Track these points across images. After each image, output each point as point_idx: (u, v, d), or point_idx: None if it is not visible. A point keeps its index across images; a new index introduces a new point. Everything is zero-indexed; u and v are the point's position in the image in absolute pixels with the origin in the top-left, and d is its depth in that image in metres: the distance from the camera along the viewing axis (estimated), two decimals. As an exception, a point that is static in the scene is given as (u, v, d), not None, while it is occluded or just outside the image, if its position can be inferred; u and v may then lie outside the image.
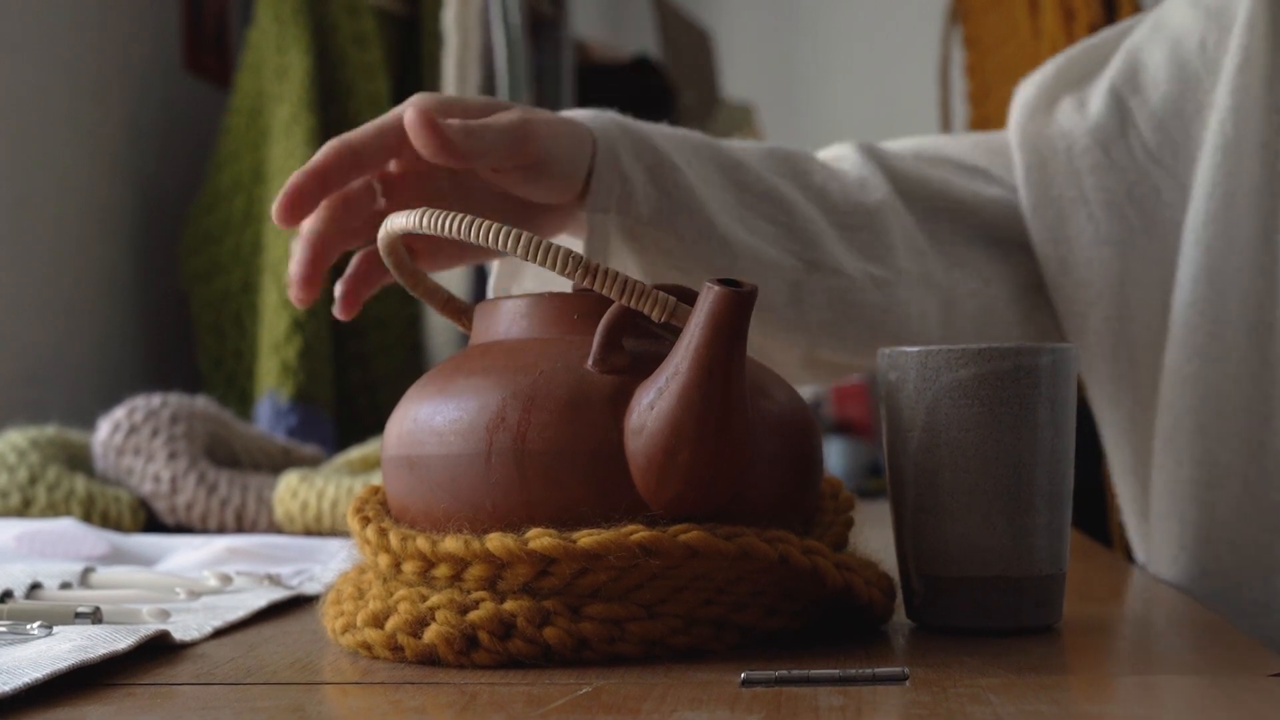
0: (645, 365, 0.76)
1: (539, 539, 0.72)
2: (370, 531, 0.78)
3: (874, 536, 0.91)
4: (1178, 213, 1.08)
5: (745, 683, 0.69)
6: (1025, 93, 1.16)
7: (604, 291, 0.76)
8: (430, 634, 0.74)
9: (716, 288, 0.73)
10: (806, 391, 4.38)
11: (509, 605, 0.74)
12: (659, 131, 1.01)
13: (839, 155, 1.13)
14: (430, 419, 0.78)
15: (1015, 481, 0.81)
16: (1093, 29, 2.48)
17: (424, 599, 0.75)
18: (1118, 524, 2.68)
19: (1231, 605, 1.04)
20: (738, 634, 0.77)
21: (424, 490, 0.78)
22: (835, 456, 3.51)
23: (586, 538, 0.72)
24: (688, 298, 0.79)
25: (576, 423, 0.75)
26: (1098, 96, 1.12)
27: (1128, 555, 2.42)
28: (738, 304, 0.72)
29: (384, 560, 0.77)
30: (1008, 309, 1.13)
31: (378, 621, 0.76)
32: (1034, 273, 1.13)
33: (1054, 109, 1.14)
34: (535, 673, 0.72)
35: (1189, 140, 1.08)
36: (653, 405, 0.74)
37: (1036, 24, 2.63)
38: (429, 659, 0.75)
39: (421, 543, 0.75)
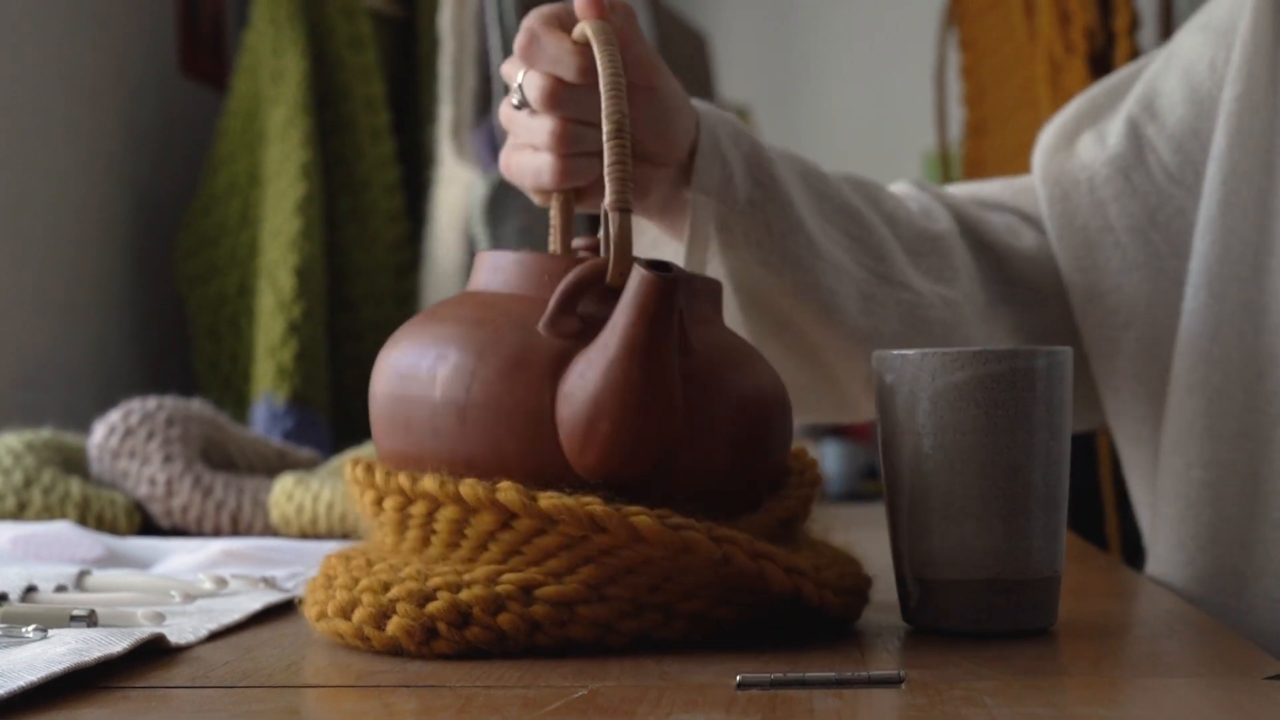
0: (596, 332, 0.79)
1: (506, 491, 0.76)
2: (359, 470, 0.83)
3: (869, 539, 0.91)
4: None
5: (741, 685, 0.69)
6: (1046, 135, 1.19)
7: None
8: (392, 626, 0.77)
9: (644, 271, 0.76)
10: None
11: (464, 595, 0.77)
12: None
13: (900, 190, 1.16)
14: (395, 360, 0.83)
15: (1011, 484, 0.81)
16: (1088, 32, 2.48)
17: (386, 589, 0.78)
18: (1114, 526, 2.68)
19: (1243, 602, 1.04)
20: (687, 623, 0.78)
21: (384, 427, 0.83)
22: (831, 459, 3.51)
23: (547, 500, 0.76)
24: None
25: (516, 381, 0.79)
26: (1116, 128, 1.14)
27: (1124, 558, 2.41)
28: (663, 289, 0.76)
29: (369, 496, 0.82)
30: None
31: (345, 613, 0.79)
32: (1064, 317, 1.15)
33: (1074, 145, 1.16)
34: (530, 676, 0.72)
35: (1207, 159, 1.09)
36: (582, 375, 0.78)
37: (1033, 26, 2.63)
38: (394, 649, 0.78)
39: (403, 479, 0.80)
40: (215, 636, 0.84)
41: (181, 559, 1.11)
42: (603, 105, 0.82)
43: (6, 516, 1.25)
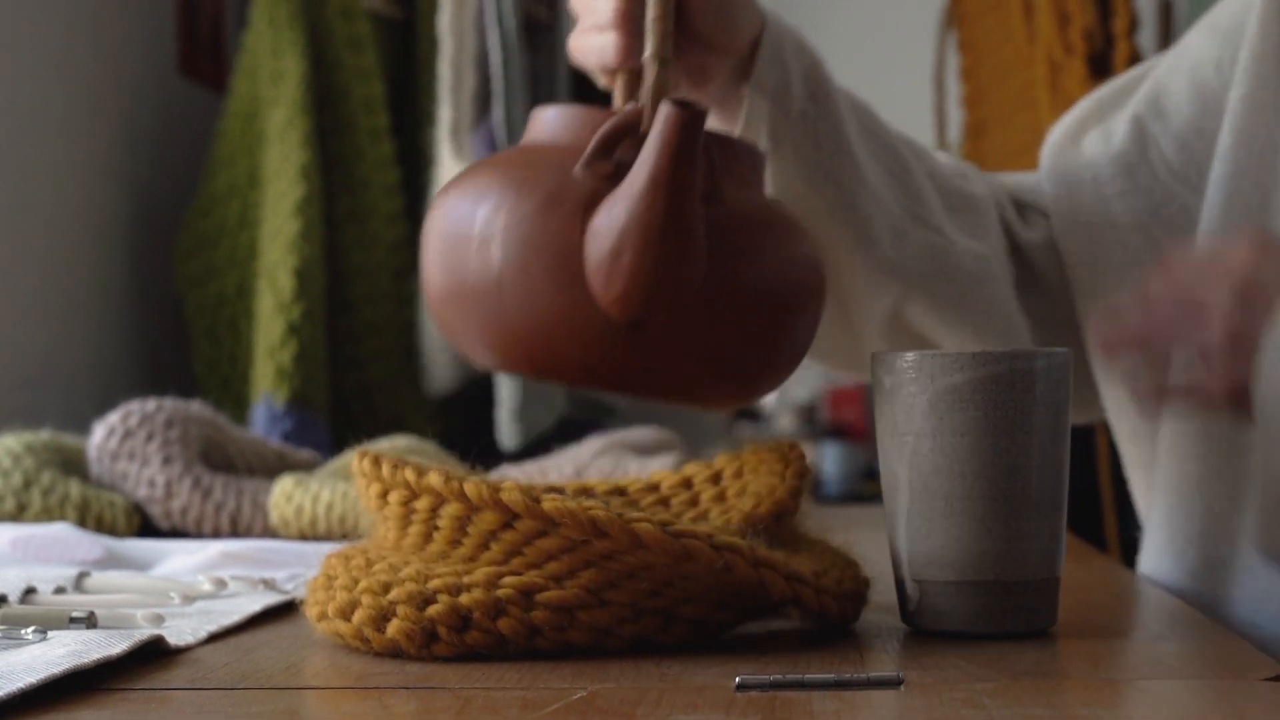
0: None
1: (509, 492, 0.77)
2: (366, 463, 0.82)
3: (868, 541, 0.91)
4: None
5: (740, 687, 0.69)
6: (1055, 132, 1.20)
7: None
8: (392, 629, 0.77)
9: (669, 106, 0.80)
10: (801, 393, 4.37)
11: (464, 599, 0.77)
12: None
13: (942, 156, 1.18)
14: (446, 202, 0.88)
15: (1010, 486, 0.81)
16: (1087, 33, 2.48)
17: (386, 590, 0.78)
18: (1113, 528, 2.68)
19: (1231, 594, 1.04)
20: (687, 627, 0.78)
21: (431, 264, 0.87)
22: (830, 460, 3.51)
23: (549, 502, 0.76)
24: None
25: (549, 216, 0.83)
26: (1121, 125, 1.15)
27: (1123, 559, 2.41)
28: (686, 121, 0.79)
29: (374, 490, 0.82)
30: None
31: (345, 614, 0.79)
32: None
33: (1080, 142, 1.17)
34: (530, 677, 0.72)
35: (1212, 158, 1.10)
36: (609, 210, 0.81)
37: (1031, 28, 2.63)
38: (394, 652, 0.77)
39: (409, 474, 0.80)
40: (214, 638, 0.84)
41: (181, 560, 1.11)
42: None
43: (6, 518, 1.25)
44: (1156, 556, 1.09)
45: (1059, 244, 1.15)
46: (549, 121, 0.89)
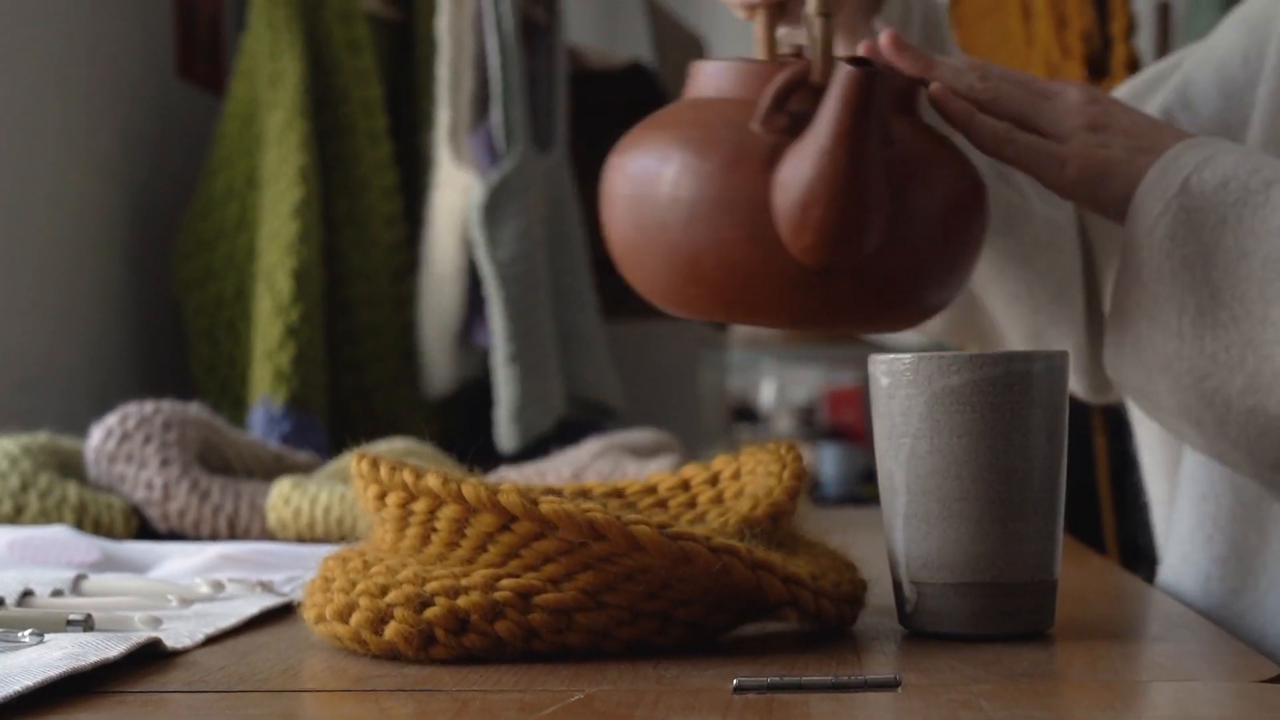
0: (805, 128, 0.88)
1: (508, 494, 0.77)
2: (365, 465, 0.82)
3: (866, 543, 0.91)
4: None
5: (738, 689, 0.69)
6: None
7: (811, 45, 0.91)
8: (390, 632, 0.77)
9: (848, 67, 0.85)
10: (800, 395, 4.36)
11: (461, 602, 0.77)
12: None
13: None
14: (626, 163, 0.94)
15: (1008, 488, 0.81)
16: (1085, 36, 2.48)
17: (383, 592, 0.78)
18: (1111, 530, 2.68)
19: (1258, 585, 1.05)
20: (684, 629, 0.78)
21: (617, 224, 0.94)
22: (829, 462, 3.51)
23: (547, 504, 0.76)
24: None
25: (735, 174, 0.89)
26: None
27: (1121, 562, 2.41)
28: (866, 82, 0.85)
29: (372, 491, 0.82)
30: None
31: (343, 617, 0.79)
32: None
33: None
34: (527, 680, 0.72)
35: None
36: (795, 166, 0.87)
37: (1030, 31, 2.63)
38: (391, 654, 0.77)
39: (406, 476, 0.80)
40: (212, 641, 0.84)
41: (178, 563, 1.11)
42: None
43: (3, 520, 1.25)
44: (1183, 545, 1.10)
45: (1089, 231, 1.15)
46: (713, 77, 0.94)
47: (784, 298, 0.91)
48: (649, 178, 0.92)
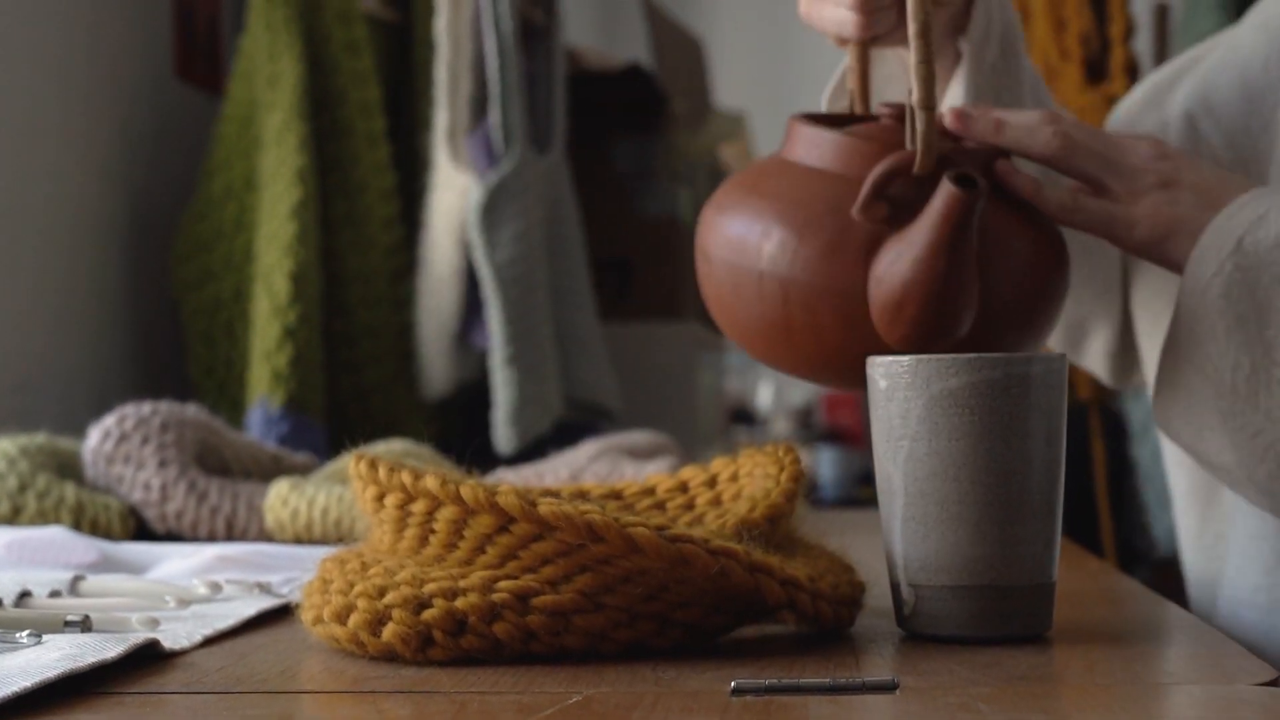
0: (904, 215, 0.91)
1: (506, 496, 0.77)
2: (363, 466, 0.82)
3: (864, 545, 0.91)
4: None
5: (735, 691, 0.69)
6: (1115, 117, 1.22)
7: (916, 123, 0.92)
8: (388, 633, 0.77)
9: (951, 187, 0.88)
10: (798, 398, 4.36)
11: (460, 604, 0.76)
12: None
13: None
14: (725, 225, 0.97)
15: (1006, 491, 0.81)
16: (1083, 39, 2.48)
17: (382, 594, 0.78)
18: (1108, 532, 2.68)
19: None
20: (683, 632, 0.78)
21: (713, 287, 0.97)
22: (826, 464, 3.51)
23: (545, 506, 0.76)
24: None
25: (834, 263, 0.92)
26: (1175, 122, 1.16)
27: (1119, 564, 2.41)
28: (967, 204, 0.89)
29: (370, 493, 0.81)
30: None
31: (340, 618, 0.79)
32: None
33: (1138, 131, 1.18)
34: (525, 681, 0.72)
35: (1258, 156, 1.10)
36: (892, 264, 0.91)
37: (1028, 34, 2.63)
38: (389, 656, 0.77)
39: (405, 477, 0.80)
40: (210, 642, 0.84)
41: (176, 564, 1.11)
42: (909, 3, 0.92)
43: (1, 521, 1.25)
44: (1232, 589, 1.11)
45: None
46: (814, 145, 0.96)
47: None
48: (747, 249, 0.94)
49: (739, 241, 0.95)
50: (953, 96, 1.07)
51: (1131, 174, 0.97)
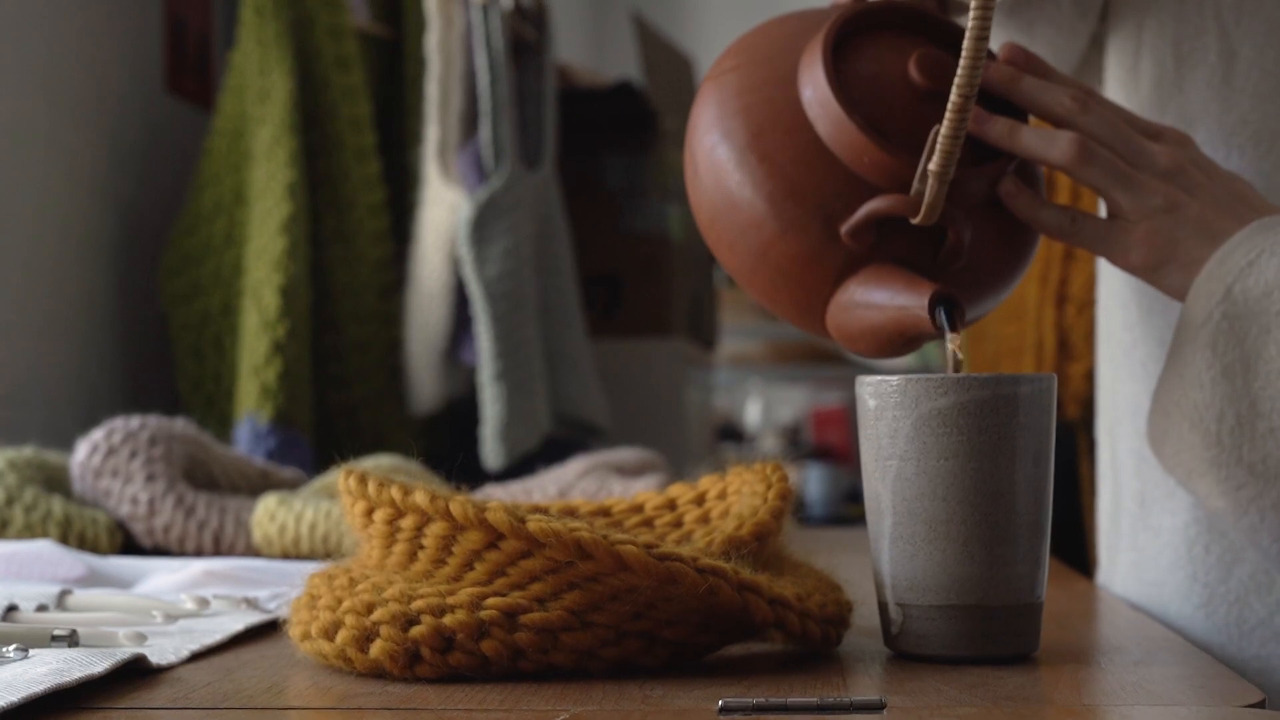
0: (890, 245, 0.90)
1: (495, 512, 0.76)
2: (352, 481, 0.82)
3: (852, 564, 0.91)
4: None
5: (723, 710, 0.69)
6: None
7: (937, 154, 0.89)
8: (375, 650, 0.77)
9: (937, 309, 0.87)
10: (786, 415, 4.35)
11: (447, 620, 0.76)
12: None
13: None
14: (718, 150, 0.94)
15: (994, 510, 0.82)
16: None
17: (369, 610, 0.78)
18: (1095, 553, 2.67)
19: None
20: (670, 650, 0.78)
21: (705, 204, 0.95)
22: (814, 483, 3.51)
23: (534, 523, 0.76)
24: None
25: (806, 274, 0.91)
26: None
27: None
28: (941, 327, 0.87)
29: (359, 508, 0.81)
30: None
31: (328, 634, 0.79)
32: None
33: None
34: (513, 699, 0.72)
35: None
36: (852, 306, 0.90)
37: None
38: (377, 672, 0.77)
39: (394, 492, 0.79)
40: (197, 657, 0.84)
41: (163, 579, 1.11)
42: (958, 73, 0.87)
43: (-12, 535, 1.24)
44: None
45: None
46: (834, 121, 0.91)
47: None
48: (734, 191, 0.93)
49: (728, 178, 0.93)
50: None
51: (1140, 192, 0.96)
